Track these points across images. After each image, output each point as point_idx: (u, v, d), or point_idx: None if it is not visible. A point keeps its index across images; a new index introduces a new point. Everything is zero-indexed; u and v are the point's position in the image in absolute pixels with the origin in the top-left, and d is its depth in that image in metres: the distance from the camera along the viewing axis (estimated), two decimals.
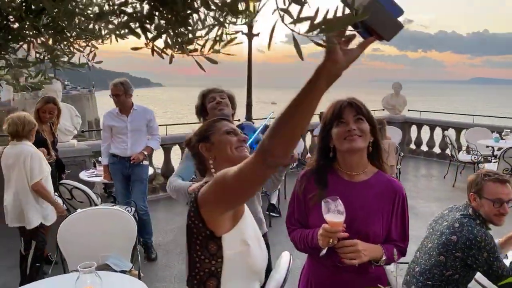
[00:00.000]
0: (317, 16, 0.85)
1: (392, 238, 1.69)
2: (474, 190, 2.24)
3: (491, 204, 2.15)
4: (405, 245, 1.75)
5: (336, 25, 0.84)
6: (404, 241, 1.74)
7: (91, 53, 1.77)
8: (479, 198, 2.20)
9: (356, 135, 1.61)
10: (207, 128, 1.58)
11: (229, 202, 1.27)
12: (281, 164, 1.04)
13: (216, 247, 1.31)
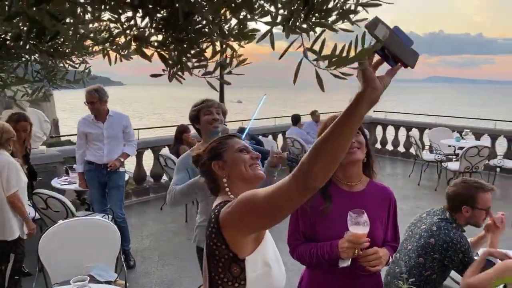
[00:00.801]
0: (335, 53, 0.93)
1: (387, 239, 1.81)
2: (468, 204, 2.34)
3: (484, 213, 2.30)
4: (398, 244, 1.91)
5: (346, 62, 0.93)
6: (396, 241, 1.89)
7: (86, 70, 1.78)
8: (471, 210, 2.33)
9: (355, 148, 1.71)
10: (218, 146, 1.53)
11: (257, 225, 1.26)
12: (320, 187, 1.06)
13: (239, 270, 1.30)
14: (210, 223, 1.34)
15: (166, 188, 6.74)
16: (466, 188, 2.38)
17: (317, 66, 0.94)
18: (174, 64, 1.20)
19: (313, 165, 1.04)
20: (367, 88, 0.98)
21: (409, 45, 1.00)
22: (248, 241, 1.31)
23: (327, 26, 0.87)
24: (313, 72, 0.94)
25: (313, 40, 0.91)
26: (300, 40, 0.96)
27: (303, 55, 0.93)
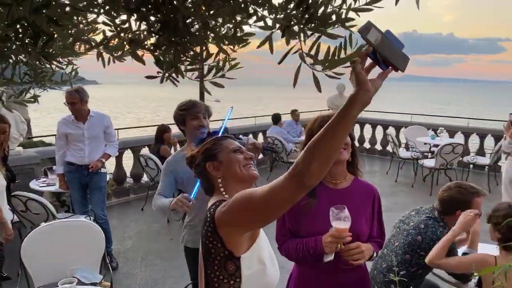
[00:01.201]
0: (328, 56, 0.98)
1: (372, 235, 1.87)
2: (462, 207, 2.39)
3: (477, 216, 2.39)
4: (383, 240, 1.97)
5: (337, 64, 0.98)
6: (382, 237, 1.95)
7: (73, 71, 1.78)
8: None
9: (342, 148, 1.76)
10: (212, 147, 1.55)
11: (253, 224, 1.29)
12: (315, 185, 1.10)
13: (234, 267, 1.32)
14: (206, 222, 1.36)
15: (146, 189, 6.71)
16: (462, 193, 2.44)
17: (313, 69, 0.98)
18: (168, 67, 1.22)
19: (309, 165, 1.07)
20: (359, 91, 1.03)
21: (400, 49, 1.05)
22: (244, 239, 1.33)
23: (325, 33, 0.91)
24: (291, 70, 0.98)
25: (310, 46, 0.94)
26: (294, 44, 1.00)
27: (301, 59, 0.97)
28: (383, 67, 1.06)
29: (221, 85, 1.32)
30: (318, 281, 1.82)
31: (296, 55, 0.99)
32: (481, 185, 2.77)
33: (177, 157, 2.62)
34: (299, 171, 1.09)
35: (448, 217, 2.46)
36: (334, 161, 1.11)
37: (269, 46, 0.99)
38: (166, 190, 2.53)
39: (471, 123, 9.17)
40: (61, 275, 2.84)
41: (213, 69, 1.32)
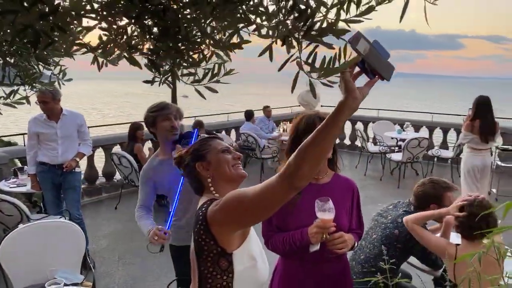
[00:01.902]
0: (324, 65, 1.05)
1: (352, 227, 1.98)
2: (435, 201, 2.55)
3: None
4: (362, 231, 2.09)
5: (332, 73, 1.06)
6: (361, 228, 2.07)
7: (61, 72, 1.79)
8: (438, 207, 2.54)
9: None
10: (200, 147, 1.59)
11: (245, 222, 1.35)
12: (305, 185, 1.17)
13: (227, 263, 1.38)
14: (198, 221, 1.40)
15: (119, 187, 6.64)
16: (435, 188, 2.59)
17: (310, 76, 1.05)
18: (165, 71, 1.27)
19: (300, 166, 1.14)
20: (348, 98, 1.10)
21: (386, 58, 1.13)
22: (235, 236, 1.39)
23: (323, 43, 0.97)
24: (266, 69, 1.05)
25: (308, 54, 1.01)
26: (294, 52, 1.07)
27: (299, 67, 1.04)
28: (370, 76, 1.14)
29: (215, 90, 1.37)
30: (302, 273, 1.91)
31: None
32: (444, 176, 2.96)
33: (153, 164, 2.59)
34: (290, 173, 1.15)
35: (423, 211, 2.60)
36: (323, 163, 1.19)
37: (269, 55, 1.05)
38: (147, 200, 2.57)
39: (435, 117, 9.54)
40: (41, 277, 2.82)
41: (208, 74, 1.37)
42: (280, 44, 1.05)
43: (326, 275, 1.92)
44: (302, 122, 1.92)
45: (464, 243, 2.30)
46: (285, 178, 1.16)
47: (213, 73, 1.36)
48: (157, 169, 2.55)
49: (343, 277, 2.00)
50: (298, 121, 1.96)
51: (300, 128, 1.92)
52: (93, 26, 1.27)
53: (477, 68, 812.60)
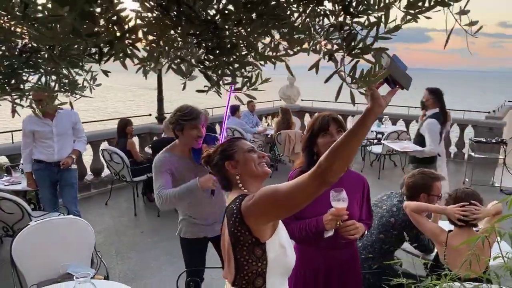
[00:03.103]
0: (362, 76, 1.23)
1: (362, 218, 2.17)
2: (424, 190, 2.75)
3: (436, 198, 2.75)
4: (371, 221, 2.29)
5: (369, 83, 1.24)
6: (370, 219, 2.26)
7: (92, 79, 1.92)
8: (427, 196, 2.77)
9: None
10: (228, 148, 1.73)
11: (278, 215, 1.50)
12: (335, 181, 1.34)
13: (261, 252, 1.52)
14: (233, 214, 1.54)
15: (107, 183, 6.69)
16: (424, 178, 2.81)
17: (350, 87, 1.22)
18: (215, 82, 1.42)
19: (332, 164, 1.30)
20: (374, 105, 1.28)
21: (404, 70, 1.31)
22: (267, 227, 1.54)
23: (364, 59, 1.14)
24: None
25: (351, 68, 1.18)
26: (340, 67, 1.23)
27: (342, 79, 1.21)
28: (392, 86, 1.32)
29: (254, 97, 1.53)
30: (316, 258, 2.10)
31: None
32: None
33: (170, 158, 2.65)
34: (322, 170, 1.31)
35: (414, 200, 2.83)
36: (352, 160, 1.37)
37: (315, 70, 1.22)
38: (167, 185, 2.58)
39: (411, 110, 9.92)
40: (53, 272, 2.91)
41: (247, 83, 1.53)
42: (327, 60, 1.22)
43: (338, 260, 2.11)
44: (317, 122, 2.09)
45: (455, 230, 2.54)
46: (317, 175, 1.32)
47: (251, 82, 1.52)
48: (175, 164, 2.64)
49: (353, 263, 2.20)
50: (314, 121, 2.13)
51: (315, 127, 2.09)
52: (148, 41, 1.41)
53: (446, 61, 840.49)
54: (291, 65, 1.33)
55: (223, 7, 1.22)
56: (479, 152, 7.55)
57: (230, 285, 1.59)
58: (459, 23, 0.91)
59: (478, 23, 0.98)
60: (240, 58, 1.36)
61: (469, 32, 0.94)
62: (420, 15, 1.10)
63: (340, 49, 1.19)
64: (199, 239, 2.81)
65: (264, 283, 1.55)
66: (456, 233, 2.54)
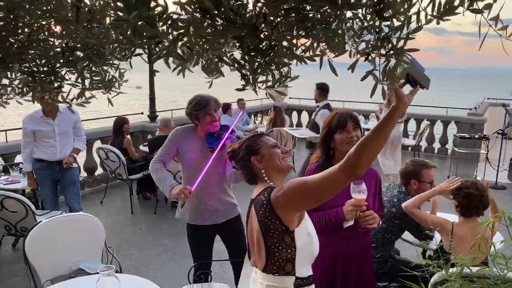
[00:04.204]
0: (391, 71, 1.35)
1: (374, 209, 2.30)
2: (414, 177, 2.94)
3: (428, 185, 2.92)
4: (382, 212, 2.42)
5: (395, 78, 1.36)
6: (382, 210, 2.39)
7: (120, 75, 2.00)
8: (418, 183, 2.93)
9: (355, 140, 2.14)
10: (254, 143, 1.82)
11: (305, 205, 1.62)
12: (362, 174, 1.46)
13: (290, 239, 1.62)
14: (262, 205, 1.65)
15: (100, 182, 6.70)
16: (413, 165, 3.00)
17: (382, 84, 1.34)
18: (253, 80, 1.52)
19: (360, 158, 1.41)
20: (399, 103, 1.40)
21: (423, 72, 1.44)
22: (296, 217, 1.66)
23: (396, 59, 1.27)
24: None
25: (383, 67, 1.30)
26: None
27: (374, 79, 1.33)
28: (413, 85, 1.45)
29: (285, 93, 1.65)
30: (334, 247, 2.22)
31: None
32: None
33: (186, 133, 2.93)
34: (351, 164, 1.42)
35: (408, 187, 3.00)
36: (377, 155, 1.49)
37: (351, 70, 1.33)
38: (165, 156, 2.89)
39: None
40: (66, 268, 2.96)
41: (279, 81, 1.64)
42: (363, 60, 1.34)
43: (355, 250, 2.24)
44: (335, 119, 2.21)
45: (461, 220, 2.70)
46: (346, 168, 1.44)
47: (281, 79, 1.63)
48: (187, 139, 2.89)
49: (366, 253, 2.33)
50: (331, 118, 2.24)
51: (332, 124, 2.21)
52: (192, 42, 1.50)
53: (423, 58, 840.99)
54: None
55: (263, 12, 1.33)
56: (462, 148, 7.84)
57: (260, 271, 1.69)
58: (493, 29, 1.03)
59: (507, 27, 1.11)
60: (277, 58, 1.47)
61: (504, 36, 1.07)
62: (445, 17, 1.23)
63: (375, 49, 1.31)
64: (203, 226, 2.94)
65: (293, 269, 1.66)
66: (462, 222, 2.69)
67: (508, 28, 1.07)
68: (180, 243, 4.63)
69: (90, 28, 1.36)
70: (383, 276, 2.95)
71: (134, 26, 1.15)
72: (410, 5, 1.24)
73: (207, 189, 2.89)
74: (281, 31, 1.41)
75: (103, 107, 18.80)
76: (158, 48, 1.35)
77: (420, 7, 1.23)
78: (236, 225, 3.04)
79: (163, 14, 1.20)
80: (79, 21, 1.31)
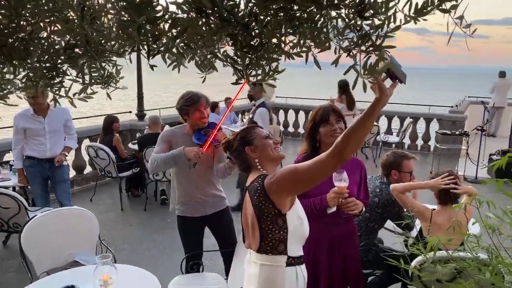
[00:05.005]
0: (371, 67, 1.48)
1: (360, 197, 2.43)
2: (395, 168, 3.10)
3: (408, 175, 3.07)
4: (368, 200, 2.56)
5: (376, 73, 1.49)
6: (367, 198, 2.53)
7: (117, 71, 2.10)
8: (398, 173, 3.08)
9: (338, 133, 2.28)
10: (248, 134, 1.96)
11: (296, 190, 1.76)
12: (349, 159, 1.60)
13: (282, 221, 1.76)
14: (257, 191, 1.78)
15: (89, 180, 6.73)
16: (394, 157, 3.17)
17: (363, 77, 1.47)
18: (244, 75, 1.64)
19: (347, 144, 1.56)
20: (382, 95, 1.53)
21: (400, 68, 1.58)
22: (287, 201, 1.79)
23: (376, 55, 1.40)
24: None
25: (364, 62, 1.44)
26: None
27: (356, 72, 1.46)
28: (393, 80, 1.59)
29: (274, 85, 1.77)
30: (319, 233, 2.35)
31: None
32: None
33: (176, 132, 3.06)
34: (339, 150, 1.57)
35: (389, 177, 3.16)
36: (362, 142, 1.64)
37: (335, 64, 1.46)
38: (161, 152, 2.97)
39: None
40: (61, 260, 3.04)
41: (267, 74, 1.76)
42: (345, 55, 1.47)
43: (338, 235, 2.38)
44: (319, 113, 2.35)
45: (438, 208, 2.86)
46: (335, 153, 1.58)
47: (269, 72, 1.76)
48: (177, 137, 3.03)
49: (350, 239, 2.47)
50: (315, 113, 2.38)
51: (317, 118, 2.35)
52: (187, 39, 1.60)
53: (406, 58, 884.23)
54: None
55: (255, 11, 1.45)
56: (444, 144, 8.07)
57: (255, 252, 1.82)
58: (459, 27, 1.17)
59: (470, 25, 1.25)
60: (267, 54, 1.60)
61: (467, 33, 1.21)
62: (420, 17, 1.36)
63: (357, 46, 1.44)
64: (194, 218, 3.07)
65: (285, 249, 1.80)
66: (440, 210, 2.86)
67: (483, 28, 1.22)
68: (171, 238, 4.73)
69: (91, 25, 1.47)
70: (368, 264, 3.10)
71: (139, 26, 1.26)
72: (387, 6, 1.38)
73: (196, 184, 3.03)
74: (271, 29, 1.54)
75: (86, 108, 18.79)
76: (156, 45, 1.46)
77: (396, 7, 1.37)
78: (225, 216, 3.17)
79: (164, 14, 1.32)
80: (84, 19, 1.41)
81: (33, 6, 1.45)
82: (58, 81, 1.75)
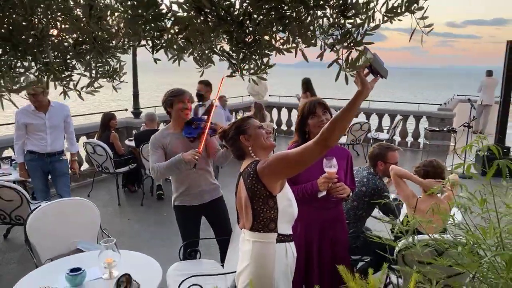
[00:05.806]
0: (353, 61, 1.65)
1: (347, 183, 2.61)
2: (380, 159, 3.29)
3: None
4: (354, 187, 2.74)
5: (358, 68, 1.67)
6: (353, 185, 2.71)
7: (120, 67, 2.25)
8: (384, 164, 3.27)
9: (325, 123, 2.44)
10: (242, 124, 2.15)
11: (286, 174, 1.95)
12: (333, 146, 1.78)
13: (273, 203, 1.95)
14: (250, 175, 1.96)
15: (86, 176, 6.86)
16: (379, 148, 3.35)
17: (345, 71, 1.65)
18: (238, 68, 1.81)
19: (332, 133, 1.75)
20: (363, 89, 1.70)
21: (382, 64, 1.76)
22: (278, 184, 1.97)
23: (357, 50, 1.57)
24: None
25: (346, 57, 1.61)
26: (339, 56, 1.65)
27: (339, 66, 1.64)
28: (375, 75, 1.76)
29: (265, 78, 1.95)
30: (310, 215, 2.53)
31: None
32: None
33: (164, 135, 3.20)
34: (324, 137, 1.76)
35: (376, 168, 3.34)
36: (345, 130, 1.81)
37: (320, 59, 1.64)
38: (159, 160, 3.10)
39: (372, 104, 10.63)
40: (64, 248, 3.19)
41: (260, 68, 1.93)
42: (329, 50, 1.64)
43: (328, 218, 2.56)
44: (306, 107, 2.53)
45: (423, 196, 3.05)
46: (321, 141, 1.77)
47: (261, 66, 1.92)
48: (167, 138, 3.17)
49: (338, 223, 2.65)
50: (303, 106, 2.56)
51: (305, 111, 2.53)
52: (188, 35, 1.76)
53: (398, 58, 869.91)
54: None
55: (249, 11, 1.62)
56: (433, 140, 8.30)
57: (248, 231, 2.00)
58: (419, 26, 1.35)
59: (432, 25, 1.43)
60: (260, 50, 1.77)
61: (424, 32, 1.39)
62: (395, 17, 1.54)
63: (340, 42, 1.62)
64: (192, 206, 3.24)
65: (276, 227, 1.98)
66: (424, 198, 3.05)
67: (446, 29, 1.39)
68: (168, 230, 4.88)
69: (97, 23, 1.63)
70: (356, 250, 3.28)
71: (146, 20, 1.43)
72: (367, 7, 1.56)
73: (192, 175, 3.18)
74: (263, 27, 1.71)
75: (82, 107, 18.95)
76: (159, 41, 1.63)
77: (375, 9, 1.55)
78: (220, 204, 3.36)
79: (168, 12, 1.48)
80: (92, 18, 1.58)
81: (45, 5, 1.62)
82: (67, 75, 1.92)
